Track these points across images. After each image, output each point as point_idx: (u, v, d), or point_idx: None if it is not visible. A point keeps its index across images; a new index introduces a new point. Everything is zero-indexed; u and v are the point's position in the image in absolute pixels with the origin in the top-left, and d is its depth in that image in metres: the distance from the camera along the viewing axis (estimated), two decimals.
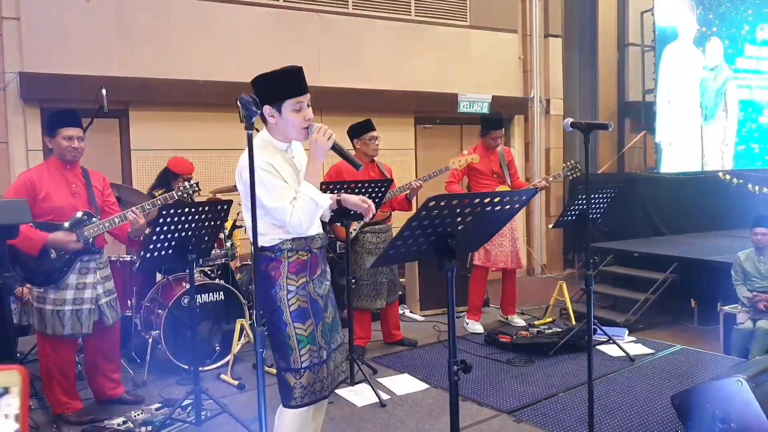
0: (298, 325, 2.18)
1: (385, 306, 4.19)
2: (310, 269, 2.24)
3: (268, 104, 2.14)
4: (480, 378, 3.67)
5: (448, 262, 1.84)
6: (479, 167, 4.55)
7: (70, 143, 3.11)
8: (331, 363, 2.28)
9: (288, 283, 2.19)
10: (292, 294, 2.18)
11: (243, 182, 2.17)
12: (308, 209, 2.12)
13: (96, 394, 3.39)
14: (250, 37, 6.65)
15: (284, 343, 2.18)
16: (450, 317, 1.91)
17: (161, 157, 5.98)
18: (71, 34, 5.69)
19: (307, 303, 2.21)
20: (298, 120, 2.14)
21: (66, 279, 3.06)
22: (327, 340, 2.26)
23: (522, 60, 9.08)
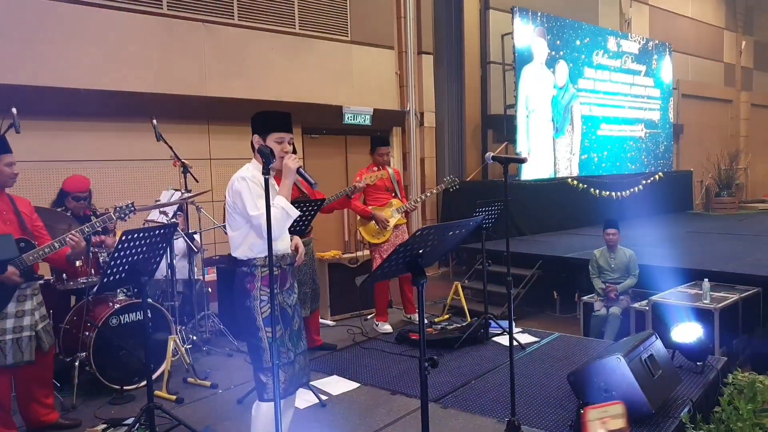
0: (268, 330, 2.55)
1: (309, 314, 4.49)
2: (280, 282, 2.65)
3: (257, 134, 2.63)
4: (400, 373, 4.14)
5: (420, 277, 2.26)
6: (376, 183, 5.04)
7: (11, 169, 3.06)
8: (296, 365, 2.67)
9: (261, 294, 2.58)
10: (264, 303, 2.57)
11: (232, 194, 2.59)
12: (281, 216, 2.53)
13: (29, 422, 3.33)
14: (135, 45, 6.57)
15: (258, 346, 2.59)
16: (420, 321, 2.33)
17: (40, 169, 5.75)
18: None
19: (277, 311, 2.58)
20: (277, 149, 2.62)
21: (5, 309, 3.01)
22: (294, 344, 2.67)
23: (398, 75, 9.70)
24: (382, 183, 5.14)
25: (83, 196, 4.21)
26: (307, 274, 4.50)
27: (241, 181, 2.56)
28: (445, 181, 5.33)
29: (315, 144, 8.64)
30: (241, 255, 2.62)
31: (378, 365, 4.34)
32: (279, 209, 2.53)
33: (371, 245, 5.18)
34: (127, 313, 4.00)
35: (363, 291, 5.70)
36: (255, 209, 2.52)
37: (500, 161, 3.12)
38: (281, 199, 2.57)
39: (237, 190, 2.56)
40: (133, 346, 3.96)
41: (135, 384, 3.95)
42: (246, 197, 2.53)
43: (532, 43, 10.27)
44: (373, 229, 5.13)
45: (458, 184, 5.39)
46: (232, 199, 2.59)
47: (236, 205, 2.58)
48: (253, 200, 2.53)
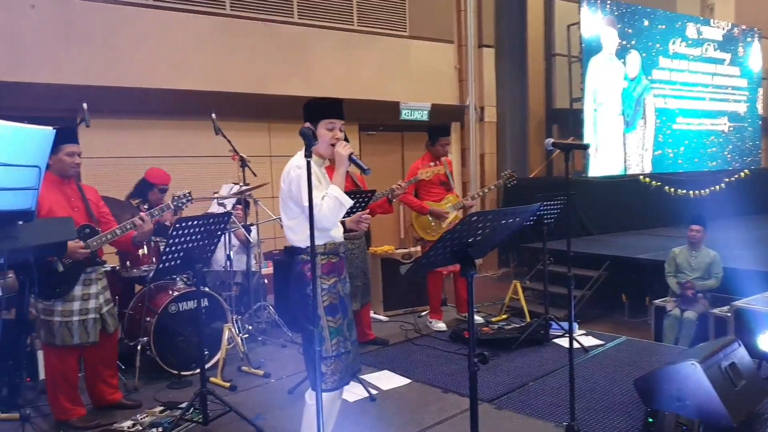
0: (329, 318, 2.56)
1: (360, 308, 4.47)
2: (338, 271, 2.65)
3: (309, 121, 2.61)
4: (453, 372, 4.04)
5: (470, 268, 2.17)
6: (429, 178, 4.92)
7: (72, 159, 3.20)
8: (350, 355, 2.66)
9: (321, 282, 2.57)
10: (324, 291, 2.57)
11: (288, 182, 2.58)
12: (334, 206, 2.51)
13: (95, 400, 3.49)
14: (197, 45, 6.70)
15: (317, 335, 2.53)
16: (470, 314, 2.24)
17: (109, 165, 6.00)
18: (16, 40, 5.58)
19: (337, 300, 2.60)
20: (327, 136, 2.61)
21: (72, 291, 3.15)
22: (352, 333, 2.68)
23: (458, 69, 9.50)
24: (436, 177, 4.99)
25: (166, 188, 4.48)
26: (359, 267, 4.46)
27: (297, 170, 2.54)
28: (503, 176, 5.17)
29: (371, 141, 8.62)
30: (300, 243, 2.60)
31: (430, 362, 4.26)
32: (332, 198, 2.51)
33: (423, 241, 5.08)
34: (185, 300, 4.12)
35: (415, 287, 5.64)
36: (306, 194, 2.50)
37: (561, 147, 2.99)
38: (335, 188, 2.55)
39: (294, 178, 2.56)
40: (191, 333, 4.07)
41: (192, 370, 4.05)
42: (303, 186, 2.46)
43: (600, 33, 9.85)
44: (428, 225, 5.03)
45: (516, 179, 5.20)
46: (288, 187, 2.58)
47: (292, 192, 2.57)
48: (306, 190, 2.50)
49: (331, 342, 2.55)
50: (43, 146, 1.98)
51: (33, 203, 1.97)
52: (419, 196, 5.07)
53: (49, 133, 2.00)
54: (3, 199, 1.85)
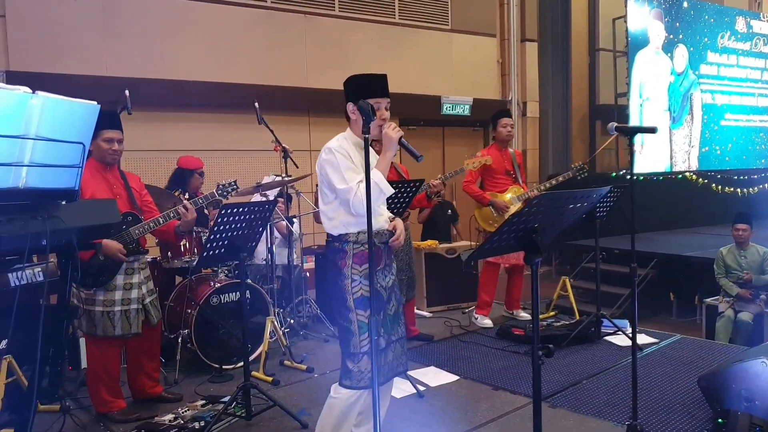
0: (359, 312, 2.36)
1: (404, 303, 4.33)
2: (375, 261, 2.39)
3: (351, 101, 2.40)
4: (504, 369, 3.86)
5: (534, 255, 2.00)
6: (493, 166, 4.76)
7: (110, 146, 3.14)
8: (390, 353, 2.43)
9: (352, 273, 2.38)
10: (356, 283, 2.37)
11: (319, 166, 2.43)
12: (372, 192, 2.21)
13: (135, 393, 3.42)
14: (238, 38, 6.68)
15: (346, 329, 2.38)
16: (534, 305, 2.07)
17: (151, 158, 6.00)
18: (58, 33, 5.62)
19: (369, 293, 2.34)
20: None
21: (114, 280, 3.09)
22: (387, 330, 2.43)
23: (500, 64, 9.33)
24: (501, 166, 4.82)
25: (203, 171, 4.52)
26: (404, 260, 4.33)
27: (327, 154, 2.38)
28: (573, 167, 4.96)
29: (412, 135, 8.48)
30: (333, 230, 2.45)
31: (478, 359, 4.09)
32: (372, 183, 2.31)
33: (484, 232, 4.91)
34: (227, 292, 4.04)
35: (460, 282, 5.47)
36: (342, 182, 2.33)
37: (625, 132, 2.78)
38: (376, 173, 2.34)
39: (322, 162, 2.40)
40: (232, 326, 3.99)
41: (233, 364, 3.98)
42: (330, 170, 2.36)
43: (647, 26, 9.50)
44: (490, 216, 4.85)
45: (587, 171, 4.99)
46: (320, 172, 2.44)
47: (323, 178, 2.42)
48: (340, 173, 2.34)
49: (360, 338, 2.35)
50: (88, 122, 1.90)
51: (77, 182, 1.89)
52: (484, 186, 4.91)
53: (94, 107, 1.92)
54: (46, 177, 1.77)
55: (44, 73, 5.36)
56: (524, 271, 5.10)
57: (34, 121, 1.69)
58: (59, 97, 1.77)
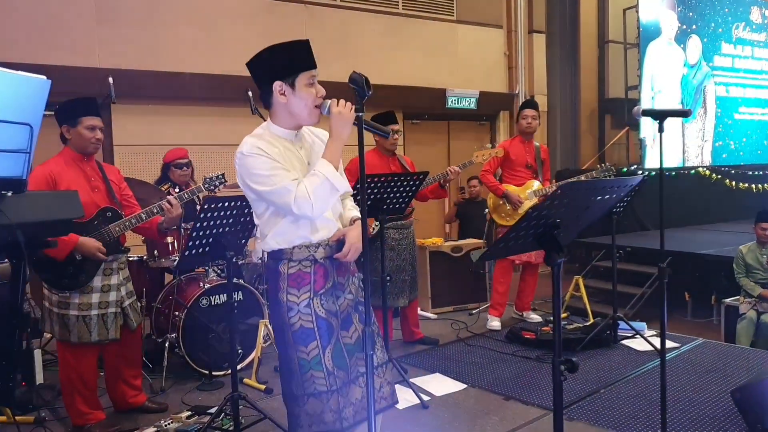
0: (301, 348, 1.90)
1: (407, 304, 4.08)
2: (315, 283, 1.94)
3: (279, 79, 1.91)
4: (515, 376, 3.59)
5: (556, 254, 1.73)
6: (513, 158, 4.52)
7: (93, 134, 2.88)
8: (357, 390, 1.96)
9: (288, 299, 1.92)
10: (293, 312, 1.91)
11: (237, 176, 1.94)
12: (322, 189, 1.84)
13: (116, 403, 3.17)
14: (236, 29, 6.44)
15: (287, 365, 1.94)
16: (555, 312, 1.80)
17: (145, 153, 5.77)
18: (48, 23, 5.38)
19: (312, 323, 1.91)
20: (311, 96, 1.91)
21: (91, 282, 2.83)
22: (342, 364, 1.93)
23: (507, 56, 9.08)
24: (522, 158, 4.55)
25: (184, 162, 4.25)
26: (407, 260, 4.07)
27: (240, 161, 1.90)
28: (598, 168, 4.69)
29: (416, 129, 8.23)
30: (266, 246, 1.97)
31: (487, 365, 3.81)
32: (320, 178, 1.85)
33: (499, 226, 4.65)
34: (217, 293, 3.78)
35: (466, 282, 5.20)
36: (270, 184, 1.85)
37: (654, 115, 2.50)
38: (324, 164, 1.87)
39: (240, 174, 1.91)
40: (223, 330, 3.74)
41: (224, 370, 3.71)
42: (250, 179, 1.87)
43: (659, 17, 9.19)
44: (503, 209, 4.59)
45: (614, 173, 4.72)
46: (243, 185, 1.95)
47: (246, 188, 1.93)
48: (262, 175, 1.86)
49: (302, 377, 1.89)
50: (37, 100, 1.63)
51: (24, 170, 1.62)
52: (503, 178, 4.65)
53: (43, 82, 1.65)
54: None
55: (34, 64, 5.08)
56: (538, 269, 4.83)
57: None
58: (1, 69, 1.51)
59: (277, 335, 1.99)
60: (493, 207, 4.66)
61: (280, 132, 1.97)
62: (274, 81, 1.91)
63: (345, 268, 2.03)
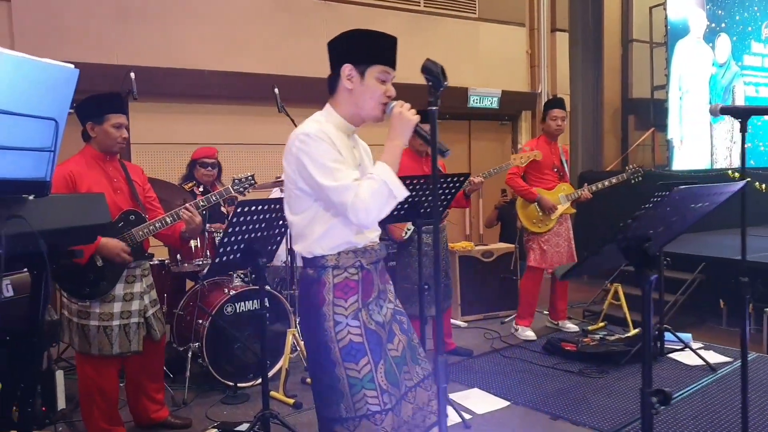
0: (349, 366, 1.71)
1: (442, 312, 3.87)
2: (363, 292, 1.78)
3: (350, 63, 1.78)
4: (559, 392, 3.36)
5: (648, 269, 1.52)
6: (540, 160, 4.27)
7: (120, 132, 2.70)
8: (407, 406, 1.80)
9: (335, 312, 1.73)
10: (341, 326, 1.72)
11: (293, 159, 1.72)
12: (379, 195, 1.67)
13: (137, 418, 2.98)
14: (255, 26, 6.30)
15: (332, 387, 1.72)
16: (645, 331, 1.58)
17: (163, 152, 5.63)
18: (66, 19, 5.25)
19: (362, 336, 1.73)
20: (379, 91, 1.78)
21: (113, 290, 2.65)
22: (394, 380, 1.77)
23: (529, 54, 8.88)
24: (549, 160, 4.33)
25: (210, 162, 4.08)
26: (441, 265, 3.85)
27: (303, 142, 1.69)
28: (628, 170, 4.47)
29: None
30: (305, 250, 1.78)
31: (528, 380, 3.58)
32: (378, 182, 1.67)
33: (527, 232, 4.42)
34: (243, 301, 3.59)
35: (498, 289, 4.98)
36: (330, 178, 1.67)
37: (735, 114, 2.27)
38: (383, 167, 1.70)
39: (296, 154, 1.70)
40: (249, 339, 3.54)
41: (250, 381, 3.53)
42: (311, 164, 1.68)
43: (688, 15, 8.92)
44: (534, 215, 4.36)
45: (643, 175, 4.49)
46: (294, 168, 1.73)
47: (300, 175, 1.72)
48: (327, 167, 1.68)
49: (352, 398, 1.70)
50: (63, 91, 1.44)
51: (48, 171, 1.43)
52: (527, 181, 4.41)
53: (71, 72, 1.45)
54: (5, 163, 1.32)
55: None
56: None
57: None
58: (21, 54, 1.32)
59: (318, 354, 1.75)
60: (523, 213, 4.43)
61: (339, 122, 1.82)
62: (345, 63, 1.78)
63: (385, 274, 1.90)
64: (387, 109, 1.78)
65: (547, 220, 4.33)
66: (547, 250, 4.33)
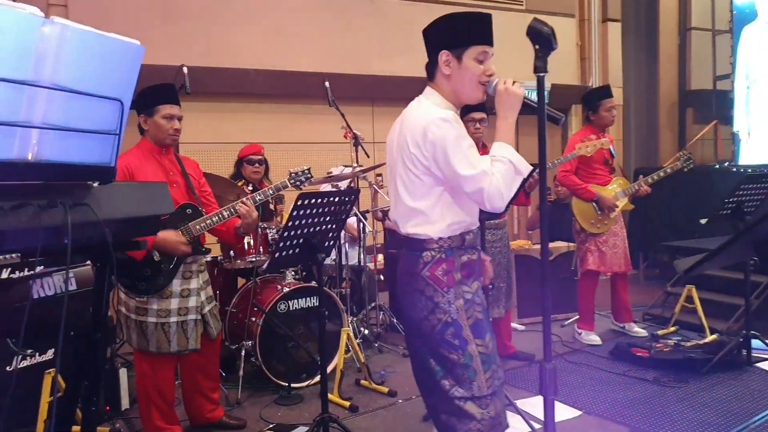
0: (479, 342, 1.76)
1: (503, 314, 3.68)
2: (478, 272, 1.86)
3: (446, 49, 1.79)
4: (633, 402, 3.11)
5: None
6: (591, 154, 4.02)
7: (171, 123, 2.62)
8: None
9: (464, 291, 1.78)
10: (469, 304, 1.78)
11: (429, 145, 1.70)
12: (508, 175, 1.70)
13: (192, 417, 2.90)
14: (299, 23, 6.25)
15: (465, 366, 1.74)
16: None
17: (211, 151, 5.60)
18: (117, 21, 5.31)
19: (482, 313, 1.81)
20: (477, 71, 1.79)
21: (170, 285, 2.56)
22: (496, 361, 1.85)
23: (579, 46, 8.62)
24: (600, 154, 4.04)
25: (257, 159, 4.01)
26: (502, 264, 3.68)
27: (442, 127, 1.68)
28: (681, 156, 4.19)
29: None
30: (429, 233, 1.76)
31: (598, 387, 3.35)
32: (506, 162, 1.69)
33: (585, 234, 4.17)
34: (296, 298, 3.49)
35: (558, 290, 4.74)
36: (469, 166, 1.66)
37: None
38: (503, 147, 1.72)
39: (434, 139, 1.68)
40: (302, 337, 3.44)
41: (303, 381, 3.42)
42: (452, 151, 1.66)
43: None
44: (591, 214, 4.11)
45: (693, 162, 4.22)
46: (428, 153, 1.71)
47: (435, 160, 1.70)
48: (465, 154, 1.67)
49: (485, 375, 1.74)
50: (129, 71, 1.33)
51: (113, 156, 1.32)
52: (578, 177, 4.15)
53: (138, 48, 1.35)
54: (67, 146, 1.21)
55: None
56: (628, 278, 4.34)
57: (48, 61, 1.13)
58: (86, 27, 1.21)
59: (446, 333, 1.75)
60: (579, 213, 4.18)
61: (443, 104, 1.82)
62: (442, 50, 1.80)
63: None
64: (488, 87, 1.78)
65: (605, 219, 4.08)
66: (606, 252, 4.08)
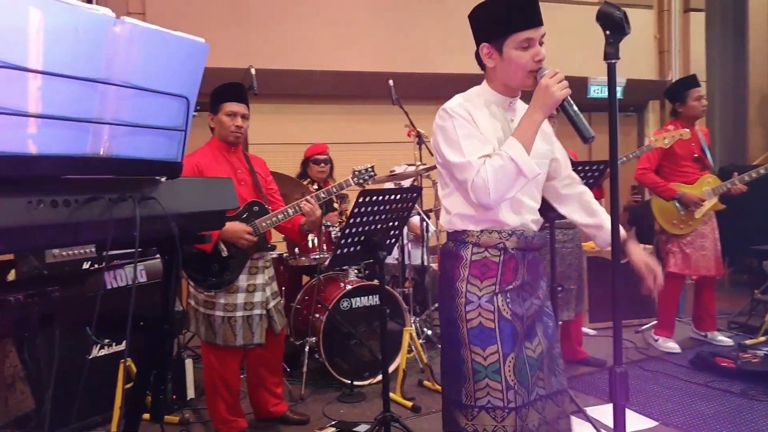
0: (475, 349, 1.62)
1: (573, 318, 3.55)
2: (502, 276, 1.67)
3: (486, 42, 1.66)
4: (718, 415, 2.90)
5: None
6: (677, 149, 3.78)
7: (232, 121, 2.69)
8: (534, 415, 1.62)
9: (468, 290, 1.66)
10: (472, 305, 1.65)
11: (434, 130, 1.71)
12: (503, 172, 1.56)
13: (257, 410, 2.96)
14: (362, 24, 6.30)
15: (456, 368, 1.66)
16: None
17: (278, 152, 5.69)
18: (191, 26, 5.41)
19: (494, 323, 1.63)
20: (523, 60, 1.60)
21: (236, 281, 2.63)
22: (524, 380, 1.62)
23: (657, 39, 8.21)
24: (687, 149, 3.82)
25: (322, 158, 4.10)
26: (573, 266, 3.54)
27: (442, 117, 1.66)
28: None
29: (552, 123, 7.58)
30: (451, 225, 1.74)
31: (676, 398, 3.15)
32: (505, 159, 1.56)
33: (666, 235, 3.94)
34: (359, 296, 3.50)
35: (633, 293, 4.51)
36: (458, 155, 1.61)
37: None
38: (512, 144, 1.58)
39: (434, 128, 1.70)
40: (365, 335, 3.44)
41: (366, 380, 3.42)
42: (443, 140, 1.65)
43: None
44: (674, 214, 3.88)
45: None
46: (434, 143, 1.74)
47: (436, 150, 1.72)
48: (457, 143, 1.62)
49: (474, 385, 1.61)
50: (194, 68, 1.36)
51: (179, 152, 1.36)
52: (662, 175, 3.92)
53: (203, 46, 1.38)
54: (136, 142, 1.25)
55: None
56: (715, 283, 4.06)
57: (119, 59, 1.17)
58: (152, 26, 1.24)
59: (446, 329, 1.72)
60: (659, 212, 3.94)
61: (491, 96, 1.72)
62: (482, 42, 1.67)
63: (536, 266, 1.76)
64: (539, 76, 1.61)
65: (690, 219, 3.83)
66: (691, 254, 3.82)
